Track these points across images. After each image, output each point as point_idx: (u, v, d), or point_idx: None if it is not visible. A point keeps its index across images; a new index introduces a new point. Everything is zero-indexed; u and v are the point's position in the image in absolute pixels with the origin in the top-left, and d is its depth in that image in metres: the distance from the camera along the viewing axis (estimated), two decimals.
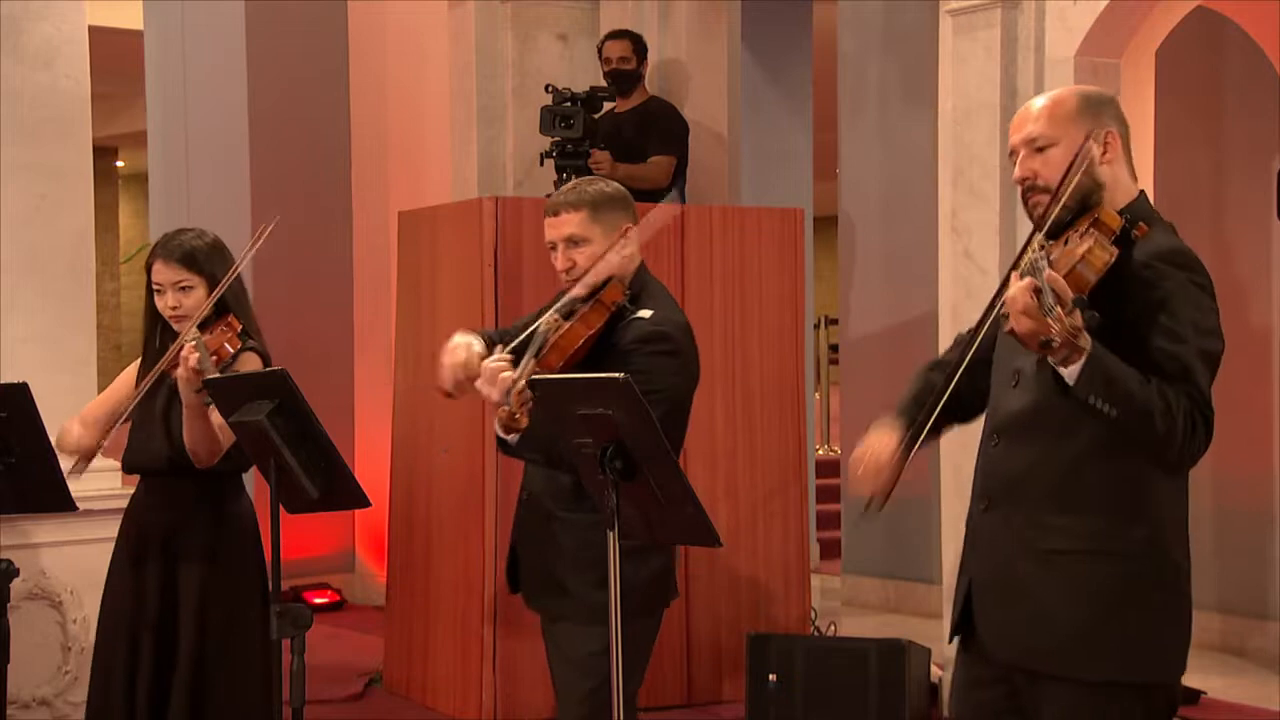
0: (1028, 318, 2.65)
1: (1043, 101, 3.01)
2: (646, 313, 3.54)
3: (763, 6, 8.79)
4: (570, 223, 3.56)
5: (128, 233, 17.90)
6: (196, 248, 3.97)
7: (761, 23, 8.93)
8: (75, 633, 5.27)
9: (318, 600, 7.86)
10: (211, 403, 3.75)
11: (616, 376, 2.94)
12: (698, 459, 5.94)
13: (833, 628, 6.65)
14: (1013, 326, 2.70)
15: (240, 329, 3.94)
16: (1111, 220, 2.84)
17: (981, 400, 3.12)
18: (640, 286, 3.60)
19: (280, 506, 3.56)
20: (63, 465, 4.00)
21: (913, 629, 6.57)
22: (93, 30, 5.67)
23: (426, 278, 6.30)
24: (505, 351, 3.46)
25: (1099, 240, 2.78)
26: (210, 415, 3.80)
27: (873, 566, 8.16)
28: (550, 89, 6.64)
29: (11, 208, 5.39)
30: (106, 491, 5.13)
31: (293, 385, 3.48)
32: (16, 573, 3.99)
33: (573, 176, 6.35)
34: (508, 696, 5.77)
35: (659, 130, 6.81)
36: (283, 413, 3.47)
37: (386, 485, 6.41)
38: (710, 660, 6.12)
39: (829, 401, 11.54)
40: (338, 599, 8.12)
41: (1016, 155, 3.00)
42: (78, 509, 4.09)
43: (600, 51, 6.95)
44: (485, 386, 3.40)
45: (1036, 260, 2.65)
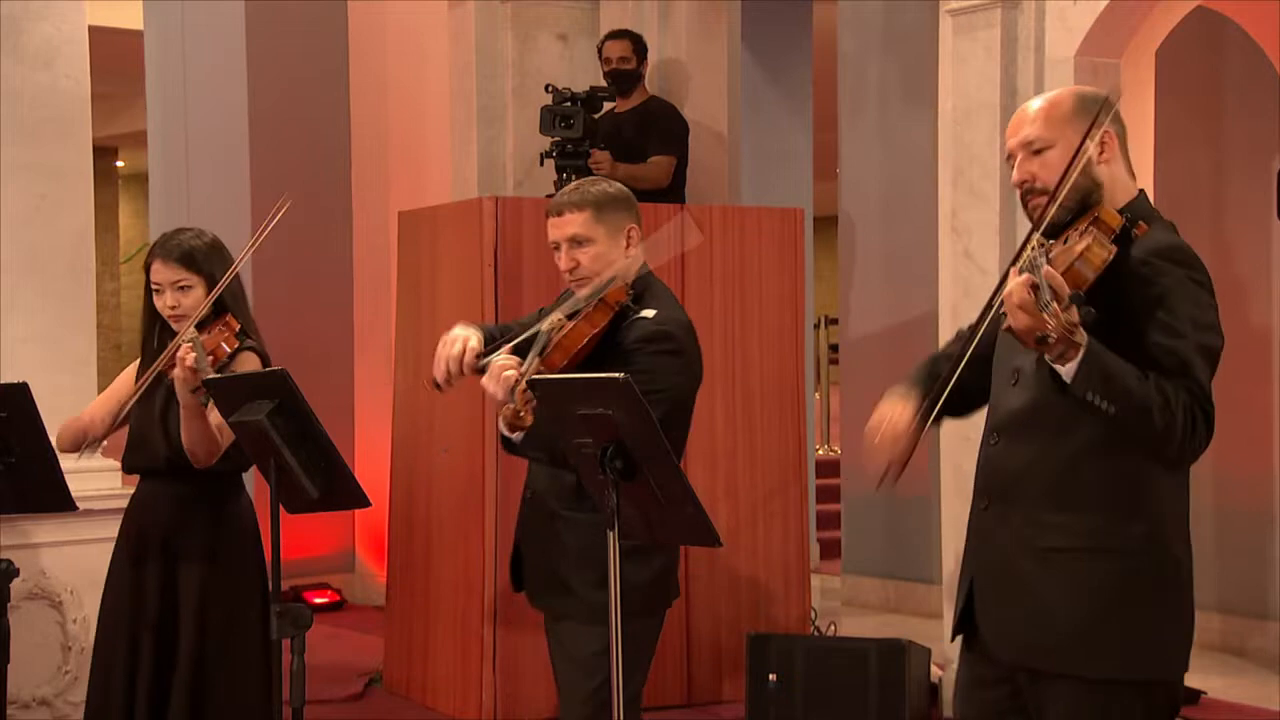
0: (1024, 313, 2.65)
1: (1039, 104, 3.01)
2: (650, 312, 3.55)
3: (763, 6, 8.79)
4: (574, 223, 3.56)
5: (128, 233, 17.90)
6: (195, 247, 3.97)
7: (761, 23, 8.94)
8: (75, 633, 5.27)
9: (318, 600, 7.86)
10: (209, 402, 3.75)
11: (616, 376, 2.94)
12: (698, 459, 5.93)
13: (833, 628, 6.65)
14: (1010, 323, 2.70)
15: (238, 329, 3.94)
16: (1111, 219, 2.84)
17: (982, 394, 3.12)
18: (643, 286, 3.60)
19: (280, 506, 3.56)
20: (66, 455, 4.02)
21: (913, 629, 6.57)
22: (93, 30, 5.67)
23: (426, 278, 6.30)
24: (509, 351, 3.46)
25: (1097, 238, 2.79)
26: (208, 415, 3.80)
27: (873, 566, 8.16)
28: (550, 89, 6.64)
29: (11, 208, 5.39)
30: (106, 491, 5.13)
31: (293, 385, 3.48)
32: (16, 573, 3.99)
33: (573, 176, 6.36)
34: (508, 696, 5.76)
35: (659, 130, 6.81)
36: (283, 413, 3.47)
37: (386, 485, 6.41)
38: (710, 660, 6.12)
39: (829, 401, 11.55)
40: (338, 599, 8.11)
41: (1014, 159, 3.01)
42: (78, 509, 4.09)
43: (600, 51, 6.94)
44: (490, 384, 3.40)
45: (1035, 258, 2.65)
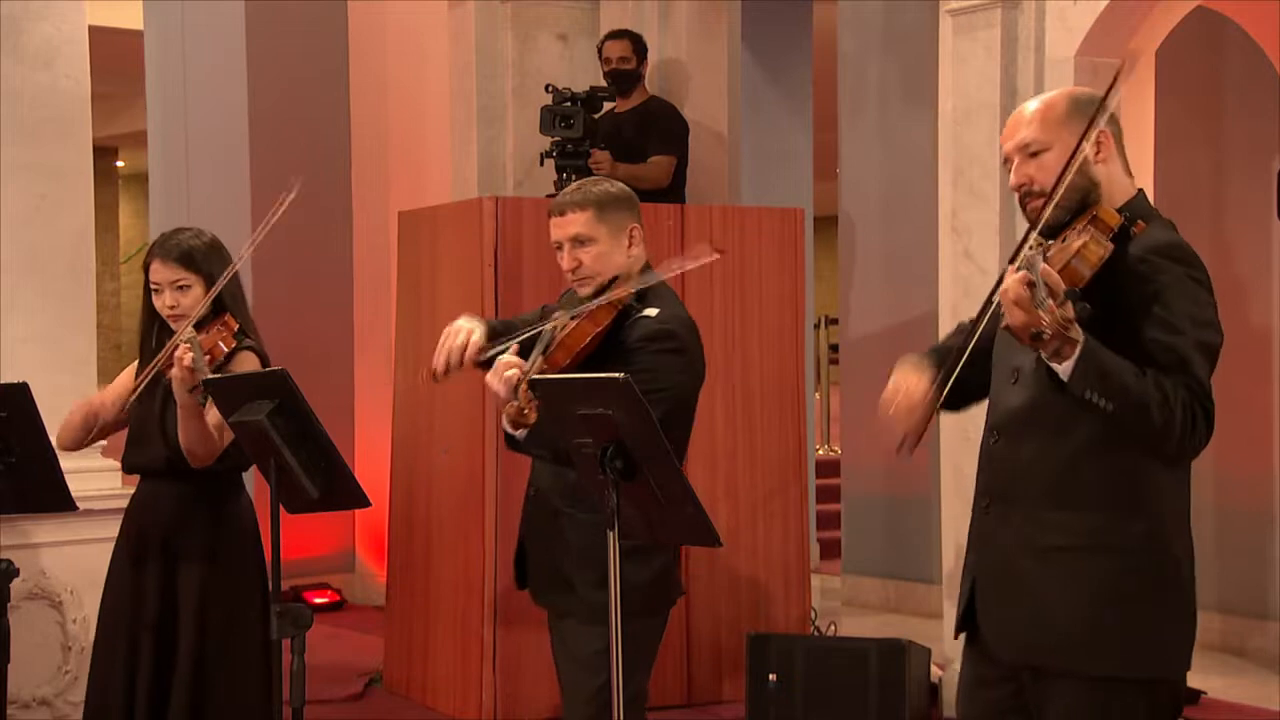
0: (1020, 309, 2.66)
1: (1033, 106, 3.01)
2: (653, 311, 3.56)
3: (763, 6, 8.79)
4: (576, 222, 3.57)
5: (128, 233, 17.92)
6: (194, 247, 3.97)
7: (761, 23, 8.94)
8: (75, 633, 5.27)
9: (318, 600, 7.86)
10: (206, 402, 3.75)
11: (616, 376, 2.94)
12: (698, 459, 5.93)
13: (833, 628, 6.65)
14: (1007, 320, 2.71)
15: (237, 328, 3.94)
16: (1109, 217, 2.84)
17: (980, 388, 3.12)
18: (646, 286, 3.61)
19: (280, 506, 3.56)
20: (66, 455, 4.03)
21: (913, 629, 6.57)
22: (93, 30, 5.67)
23: (426, 278, 6.30)
24: (513, 349, 3.47)
25: (1094, 236, 2.80)
26: (206, 414, 3.80)
27: (873, 566, 8.16)
28: (550, 89, 6.64)
29: (11, 208, 5.39)
30: (106, 491, 5.14)
31: (293, 385, 3.48)
32: (16, 573, 3.99)
33: (573, 176, 6.36)
34: (508, 696, 5.76)
35: (659, 130, 6.81)
36: (283, 413, 3.47)
37: (386, 485, 6.41)
38: (710, 660, 6.12)
39: (829, 401, 11.54)
40: (338, 599, 8.12)
41: (1011, 162, 3.01)
42: (78, 509, 4.09)
43: (600, 51, 6.94)
44: (494, 382, 3.41)
45: (1032, 256, 2.67)
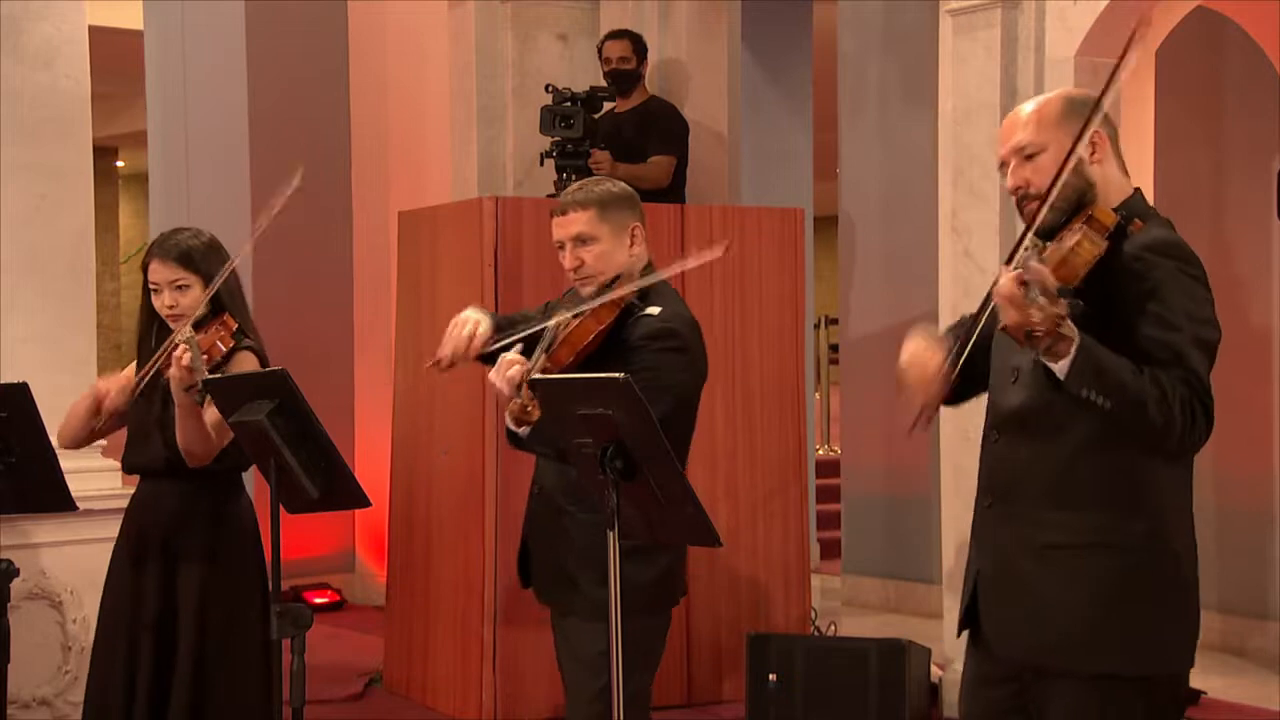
0: (1013, 307, 2.67)
1: (1027, 110, 3.02)
2: (655, 310, 3.57)
3: (763, 6, 8.79)
4: (578, 221, 3.59)
5: (128, 233, 17.91)
6: (193, 247, 3.97)
7: (761, 23, 8.94)
8: (75, 633, 5.27)
9: (318, 600, 7.86)
10: (204, 401, 3.75)
11: (616, 376, 2.95)
12: (698, 459, 5.90)
13: (833, 628, 6.65)
14: (1001, 319, 2.72)
15: (235, 328, 3.94)
16: (1105, 217, 2.85)
17: (979, 381, 3.13)
18: (648, 285, 3.62)
19: (280, 506, 3.56)
20: (66, 455, 4.02)
21: (913, 629, 6.57)
22: (93, 30, 5.67)
23: (426, 278, 6.30)
24: (516, 346, 3.49)
25: (1087, 234, 2.80)
26: (204, 414, 3.80)
27: (873, 566, 8.16)
28: (550, 89, 6.64)
29: (11, 208, 5.39)
30: (106, 491, 5.14)
31: (293, 385, 3.48)
32: (16, 573, 3.99)
33: (573, 176, 6.36)
34: (508, 696, 5.76)
35: (659, 130, 6.81)
36: (283, 413, 3.47)
37: (386, 485, 6.41)
38: (710, 660, 6.12)
39: (829, 401, 11.54)
40: (338, 599, 8.12)
41: (1007, 166, 3.01)
42: (78, 509, 4.09)
43: (600, 51, 6.94)
44: (496, 379, 3.43)
45: (1027, 256, 2.69)
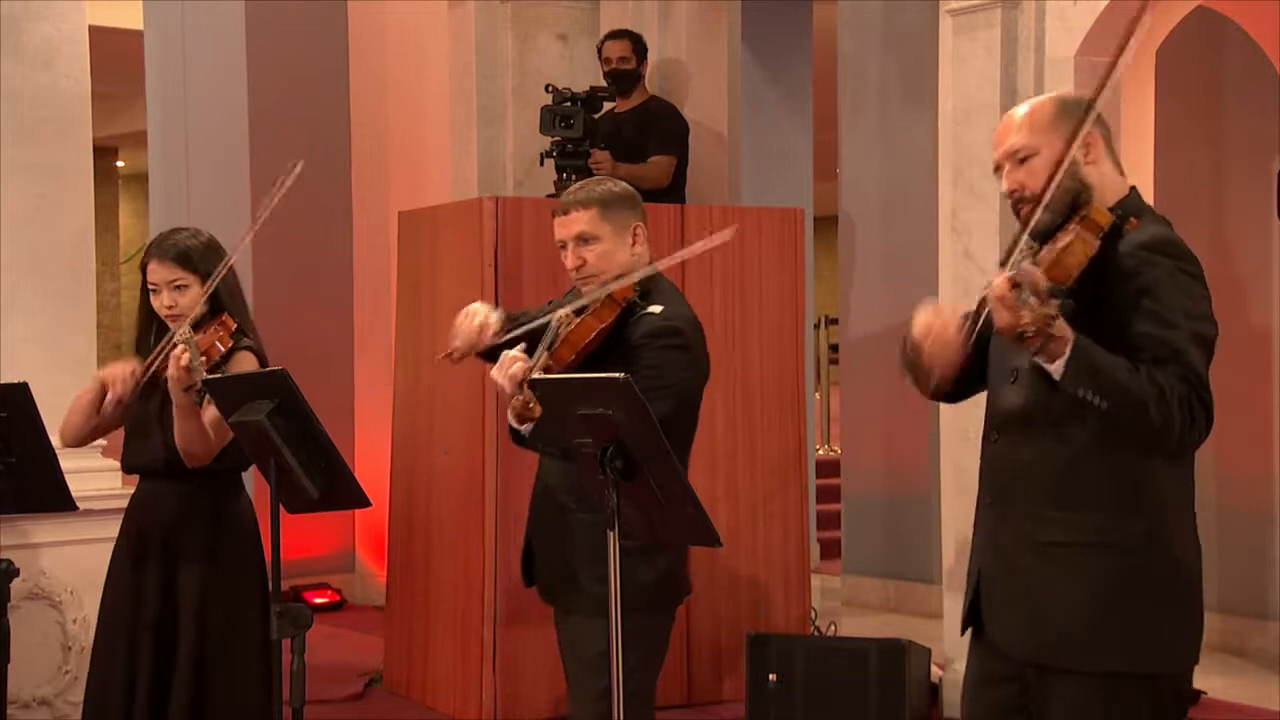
0: (1004, 308, 2.68)
1: (1021, 113, 3.02)
2: (657, 308, 3.58)
3: (763, 6, 8.79)
4: (580, 220, 3.60)
5: (128, 233, 17.91)
6: (191, 247, 3.97)
7: (761, 23, 8.94)
8: (75, 633, 5.27)
9: (318, 600, 7.86)
10: (202, 402, 3.75)
11: (616, 376, 2.95)
12: (698, 459, 5.86)
13: (833, 628, 6.65)
14: (995, 321, 2.72)
15: (234, 328, 3.94)
16: (1101, 217, 2.85)
17: (978, 377, 3.13)
18: (650, 284, 3.64)
19: (280, 506, 3.56)
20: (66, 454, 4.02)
21: (913, 629, 6.57)
22: (93, 30, 5.67)
23: (426, 278, 6.30)
24: (518, 344, 3.50)
25: (1080, 234, 2.81)
26: (202, 414, 3.80)
27: (873, 566, 8.16)
28: (550, 89, 6.64)
29: (11, 208, 5.39)
30: (106, 491, 5.14)
31: (293, 385, 3.48)
32: (16, 573, 3.99)
33: (573, 176, 6.36)
34: (508, 696, 5.76)
35: (659, 130, 6.81)
36: (283, 413, 3.47)
37: (386, 485, 6.41)
38: (710, 660, 6.12)
39: (829, 401, 11.54)
40: (338, 599, 8.12)
41: (1002, 169, 3.02)
42: (78, 509, 4.09)
43: (600, 51, 6.94)
44: (498, 377, 3.44)
45: (1020, 258, 2.71)
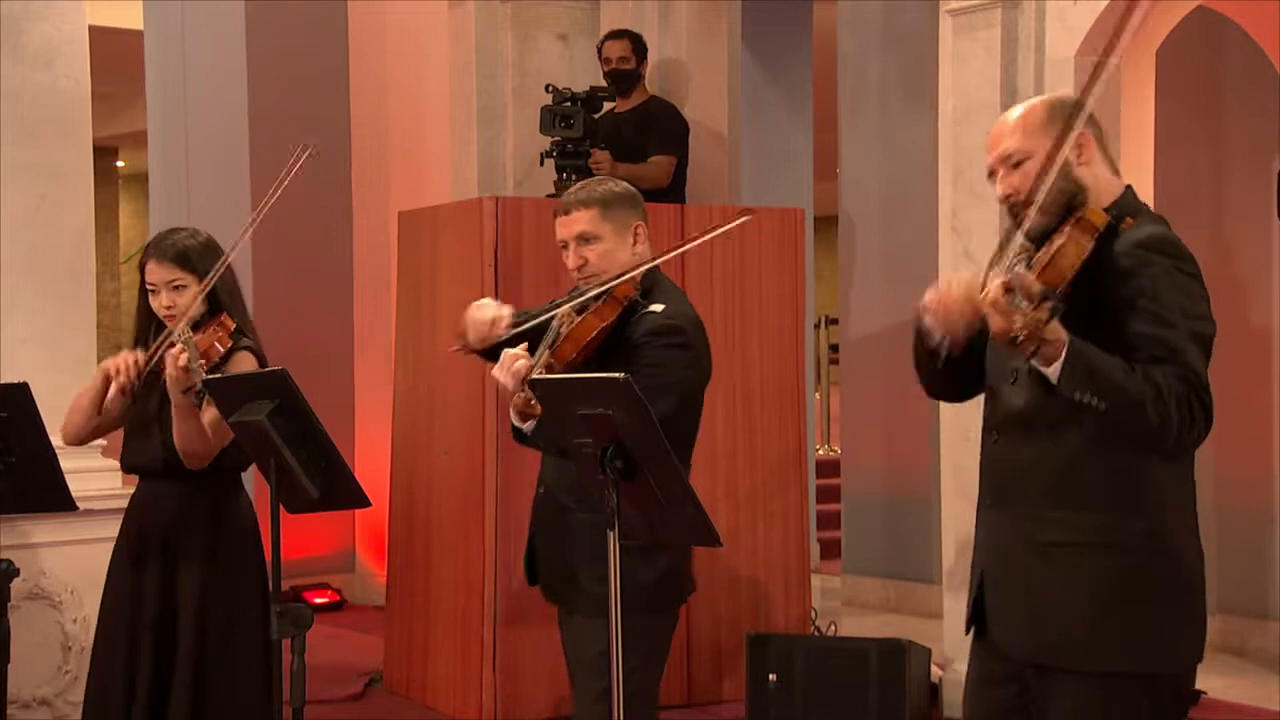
0: (998, 313, 2.68)
1: (1012, 117, 3.02)
2: (659, 307, 3.59)
3: (763, 6, 8.79)
4: (581, 220, 3.61)
5: (128, 233, 17.91)
6: (190, 247, 3.97)
7: (761, 23, 8.94)
8: (75, 633, 5.27)
9: (318, 600, 7.86)
10: (201, 403, 3.75)
11: (616, 377, 2.95)
12: (698, 459, 5.85)
13: (833, 628, 6.65)
14: (990, 327, 2.72)
15: (234, 328, 3.94)
16: (1096, 217, 2.85)
17: (980, 376, 3.12)
18: (652, 282, 3.65)
19: (280, 506, 3.56)
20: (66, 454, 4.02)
21: (913, 629, 6.57)
22: (93, 30, 5.67)
23: (426, 278, 6.30)
24: (520, 343, 3.52)
25: (1072, 236, 2.81)
26: (201, 415, 3.79)
27: (873, 566, 8.16)
28: (550, 89, 6.64)
29: (11, 208, 5.39)
30: (106, 491, 5.13)
31: (293, 385, 3.48)
32: (16, 573, 3.98)
33: (573, 176, 6.36)
34: (508, 696, 5.76)
35: (659, 130, 6.81)
36: (283, 413, 3.47)
37: (386, 485, 6.41)
38: (710, 660, 6.12)
39: (829, 401, 11.54)
40: (338, 599, 8.12)
41: (996, 174, 3.02)
42: (78, 509, 4.09)
43: (600, 51, 6.94)
44: (500, 374, 3.46)
45: (1014, 262, 2.72)
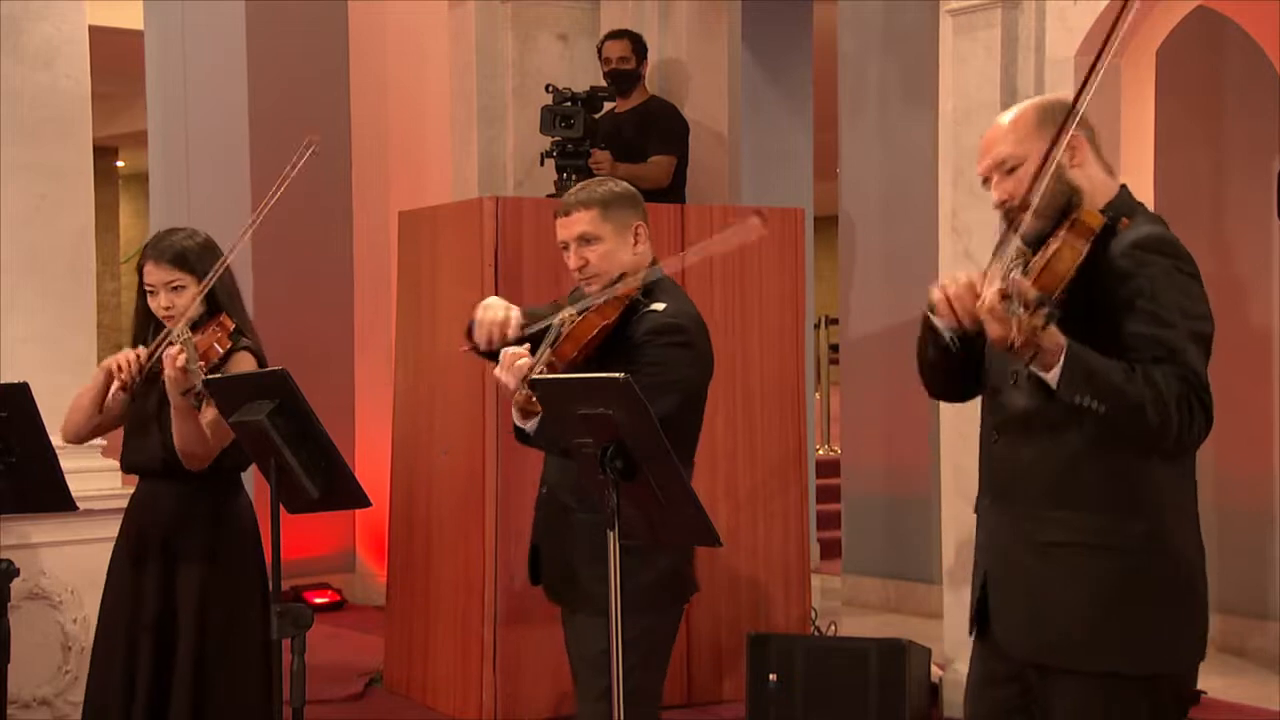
0: (994, 320, 2.69)
1: (1003, 123, 3.03)
2: (660, 306, 3.60)
3: (763, 6, 8.79)
4: (582, 221, 3.62)
5: (128, 233, 17.91)
6: (188, 248, 3.97)
7: (761, 23, 8.94)
8: (75, 633, 5.27)
9: (318, 600, 7.86)
10: (200, 405, 3.75)
11: (616, 376, 2.95)
12: (698, 459, 5.91)
13: (833, 628, 6.65)
14: (988, 334, 2.73)
15: (233, 328, 3.94)
16: (1092, 219, 2.85)
17: (981, 374, 3.12)
18: (653, 281, 3.64)
19: (280, 506, 3.56)
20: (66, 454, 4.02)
21: (913, 629, 6.57)
22: (93, 30, 5.67)
23: (426, 278, 6.30)
24: (519, 342, 3.53)
25: (1066, 239, 2.80)
26: (200, 416, 3.79)
27: (873, 566, 8.16)
28: (550, 89, 6.64)
29: (11, 208, 5.39)
30: (106, 491, 5.14)
31: (293, 385, 3.48)
32: (16, 573, 3.98)
33: (573, 176, 6.36)
34: (508, 696, 5.76)
35: (659, 130, 6.81)
36: (283, 413, 3.48)
37: (386, 485, 6.41)
38: (710, 660, 6.12)
39: (829, 401, 11.55)
40: (338, 599, 8.12)
41: (990, 181, 3.01)
42: (78, 509, 4.09)
43: (600, 51, 6.94)
44: (502, 374, 3.46)
45: (1010, 267, 2.72)
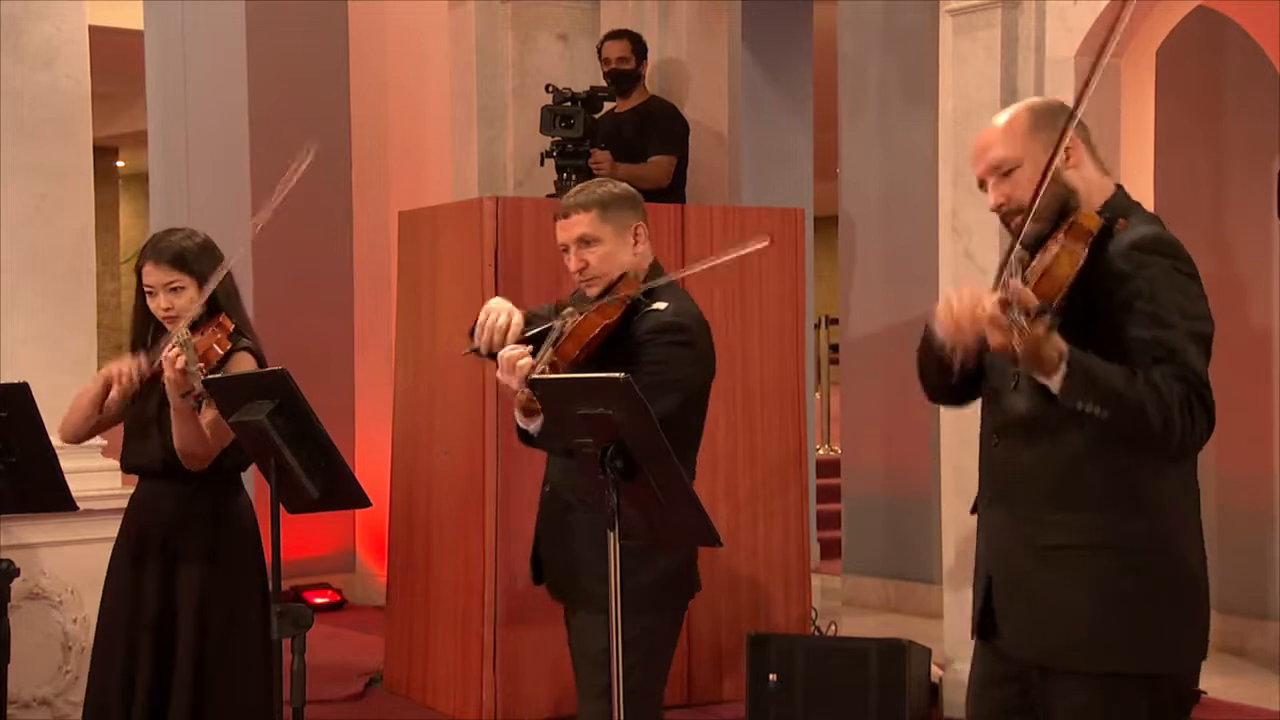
0: (995, 329, 2.68)
1: (998, 126, 3.02)
2: (662, 305, 3.61)
3: (763, 6, 8.79)
4: (581, 223, 3.62)
5: (128, 233, 17.91)
6: (187, 248, 3.97)
7: (761, 23, 8.94)
8: (75, 633, 5.27)
9: (318, 600, 7.86)
10: (200, 406, 3.75)
11: (616, 376, 2.95)
12: (698, 459, 5.92)
13: (833, 628, 6.65)
14: (989, 342, 2.73)
15: (232, 329, 3.94)
16: (1089, 221, 2.85)
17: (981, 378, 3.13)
18: (654, 282, 3.64)
19: (280, 506, 3.56)
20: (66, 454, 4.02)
21: (913, 629, 6.57)
22: (93, 30, 5.67)
23: (426, 278, 6.30)
24: (523, 343, 3.53)
25: (1064, 244, 2.80)
26: (200, 417, 3.79)
27: (873, 566, 8.16)
28: (550, 89, 6.65)
29: (11, 208, 5.39)
30: (106, 491, 5.13)
31: (293, 385, 3.48)
32: (17, 573, 3.98)
33: (573, 176, 6.36)
34: (508, 696, 5.76)
35: (659, 130, 6.81)
36: (283, 413, 3.48)
37: (386, 485, 6.41)
38: (710, 660, 6.12)
39: (829, 401, 11.55)
40: (338, 599, 8.12)
41: (986, 184, 3.01)
42: (78, 509, 4.09)
43: (600, 51, 6.94)
44: (503, 374, 3.47)
45: (1009, 274, 2.71)
